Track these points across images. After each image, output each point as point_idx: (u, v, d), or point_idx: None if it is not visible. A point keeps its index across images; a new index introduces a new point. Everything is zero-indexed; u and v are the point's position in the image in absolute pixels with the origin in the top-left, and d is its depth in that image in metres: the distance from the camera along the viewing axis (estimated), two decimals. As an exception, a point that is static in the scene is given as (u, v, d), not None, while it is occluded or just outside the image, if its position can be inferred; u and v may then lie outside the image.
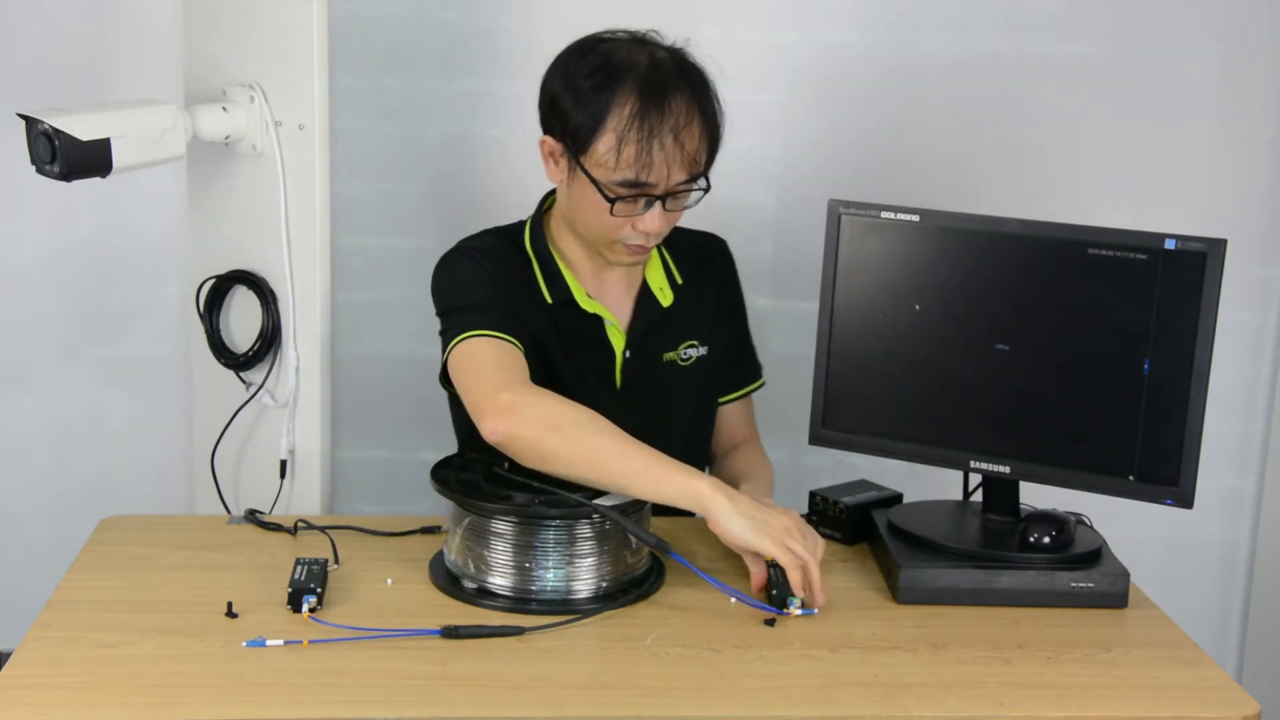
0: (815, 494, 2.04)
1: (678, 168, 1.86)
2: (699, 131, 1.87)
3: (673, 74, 1.88)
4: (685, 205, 1.93)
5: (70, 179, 1.98)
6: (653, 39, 1.94)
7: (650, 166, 1.84)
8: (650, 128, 1.83)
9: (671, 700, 1.53)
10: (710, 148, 1.91)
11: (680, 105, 1.85)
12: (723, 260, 2.16)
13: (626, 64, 1.86)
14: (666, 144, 1.84)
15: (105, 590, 1.76)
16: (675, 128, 1.84)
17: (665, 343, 2.06)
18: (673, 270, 2.07)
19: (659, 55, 1.90)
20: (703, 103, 1.88)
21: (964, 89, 2.69)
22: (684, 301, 2.07)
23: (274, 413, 2.30)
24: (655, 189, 1.87)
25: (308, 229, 2.20)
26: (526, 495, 1.76)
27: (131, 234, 2.65)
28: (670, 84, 1.86)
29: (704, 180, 1.92)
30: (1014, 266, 1.87)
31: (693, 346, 2.06)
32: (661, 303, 2.04)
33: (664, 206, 1.89)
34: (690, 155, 1.87)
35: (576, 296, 1.99)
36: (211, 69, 2.28)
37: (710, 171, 1.93)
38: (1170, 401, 1.79)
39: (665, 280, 2.05)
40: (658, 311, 2.04)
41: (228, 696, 1.50)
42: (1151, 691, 1.60)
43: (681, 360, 2.05)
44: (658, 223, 1.90)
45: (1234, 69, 2.73)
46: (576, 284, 2.00)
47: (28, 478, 2.73)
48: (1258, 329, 2.84)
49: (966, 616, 1.77)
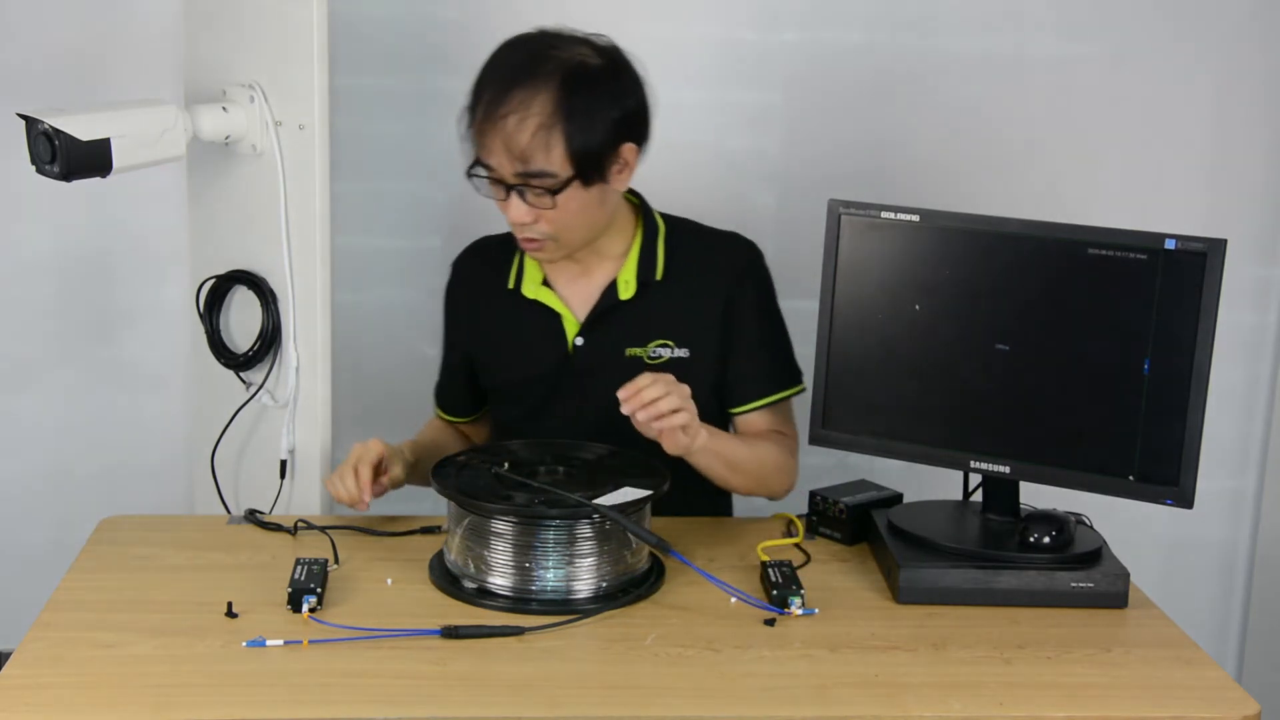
0: (815, 494, 2.04)
1: (506, 157, 1.88)
2: (532, 128, 1.86)
3: (542, 69, 1.88)
4: (545, 205, 1.90)
5: (70, 179, 1.98)
6: (591, 39, 1.95)
7: (486, 150, 1.90)
8: (488, 111, 1.88)
9: (671, 700, 1.53)
10: (550, 149, 1.86)
11: (522, 98, 1.86)
12: (738, 266, 2.10)
13: (511, 53, 1.92)
14: (498, 131, 1.87)
15: (105, 590, 1.76)
16: (504, 117, 1.86)
17: (627, 337, 2.04)
18: (657, 266, 2.05)
19: (561, 53, 1.90)
20: (557, 103, 1.86)
21: (964, 89, 2.69)
22: (655, 298, 2.05)
23: (274, 413, 2.30)
24: (496, 174, 1.91)
25: (308, 229, 2.20)
26: (526, 495, 1.76)
27: (131, 234, 2.65)
28: (525, 77, 1.87)
29: (558, 179, 1.88)
30: (1014, 266, 1.87)
31: (665, 346, 2.04)
32: (620, 295, 2.04)
33: (523, 198, 1.90)
34: (520, 148, 1.86)
35: (525, 284, 2.06)
36: (211, 69, 2.28)
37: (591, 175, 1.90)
38: (1170, 401, 1.79)
39: (634, 275, 2.04)
40: (615, 304, 2.04)
41: (228, 696, 1.50)
42: (1151, 691, 1.60)
43: (649, 358, 2.03)
44: (515, 211, 1.92)
45: (1233, 69, 2.73)
46: (535, 273, 2.07)
47: (28, 478, 2.73)
48: (1258, 329, 2.84)
49: (966, 616, 1.77)
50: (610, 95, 1.91)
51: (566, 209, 1.91)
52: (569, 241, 1.97)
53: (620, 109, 1.91)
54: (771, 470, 2.06)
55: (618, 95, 1.92)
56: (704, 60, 2.66)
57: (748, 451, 2.02)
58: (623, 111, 1.92)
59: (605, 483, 1.80)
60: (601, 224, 2.00)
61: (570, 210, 1.92)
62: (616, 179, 1.95)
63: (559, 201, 1.90)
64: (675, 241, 2.08)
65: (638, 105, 1.95)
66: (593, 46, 1.94)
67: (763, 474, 2.04)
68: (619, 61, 1.94)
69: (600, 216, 1.98)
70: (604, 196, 1.95)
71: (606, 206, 1.98)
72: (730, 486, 2.03)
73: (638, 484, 1.80)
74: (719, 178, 2.70)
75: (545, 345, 2.06)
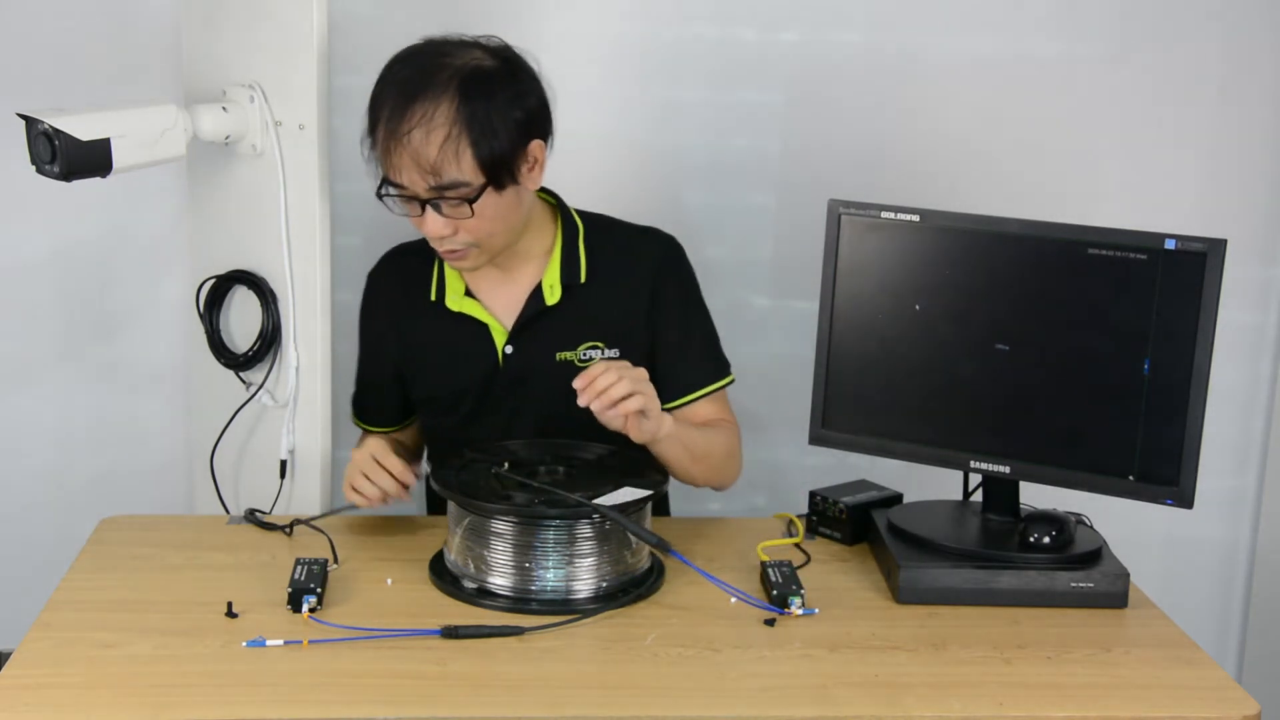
0: (815, 494, 2.04)
1: (416, 173, 1.86)
2: (439, 140, 1.84)
3: (438, 79, 1.86)
4: (463, 215, 1.89)
5: (70, 179, 1.98)
6: (481, 42, 1.93)
7: (395, 168, 1.88)
8: (390, 130, 1.87)
9: (671, 700, 1.53)
10: (460, 158, 1.85)
11: (424, 111, 1.84)
12: (658, 260, 2.09)
13: (403, 68, 1.90)
14: (404, 148, 1.85)
15: (105, 590, 1.76)
16: (409, 133, 1.84)
17: (556, 341, 2.04)
18: (580, 268, 2.04)
19: (454, 60, 1.88)
20: (459, 111, 1.85)
21: (964, 89, 2.69)
22: (581, 300, 2.04)
23: (274, 413, 2.30)
24: (409, 190, 1.88)
25: (308, 229, 2.20)
26: (526, 495, 1.76)
27: (131, 234, 2.65)
28: (423, 89, 1.86)
29: (472, 187, 1.87)
30: (1014, 266, 1.87)
31: (595, 348, 2.03)
32: (546, 301, 2.03)
33: (439, 212, 1.89)
34: (430, 162, 1.85)
35: (448, 296, 2.06)
36: (211, 69, 2.28)
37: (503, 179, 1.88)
38: (1170, 401, 1.79)
39: (559, 278, 2.03)
40: (541, 309, 2.03)
41: (228, 696, 1.50)
42: (1151, 691, 1.60)
43: (580, 361, 2.02)
44: (432, 226, 1.90)
45: (1233, 69, 2.72)
46: (457, 284, 2.06)
47: (28, 478, 2.72)
48: (1258, 329, 2.84)
49: (966, 616, 1.77)
50: (510, 95, 1.89)
51: (484, 216, 1.90)
52: (490, 247, 1.96)
53: (521, 108, 1.90)
54: (725, 457, 2.06)
55: (517, 94, 1.90)
56: (704, 60, 2.66)
57: (707, 440, 2.03)
58: (524, 110, 1.90)
59: (605, 483, 1.80)
60: (519, 225, 1.99)
61: (488, 216, 1.90)
62: (528, 178, 1.94)
63: (476, 209, 1.88)
64: (595, 241, 2.06)
65: (538, 102, 1.93)
66: (484, 49, 1.92)
67: (721, 462, 2.05)
68: (513, 60, 1.93)
69: (517, 218, 1.97)
70: (519, 198, 1.94)
71: (522, 207, 1.97)
72: (690, 477, 2.02)
73: (638, 484, 1.80)
74: (719, 178, 2.69)
75: (475, 356, 2.06)
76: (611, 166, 2.62)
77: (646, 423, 1.83)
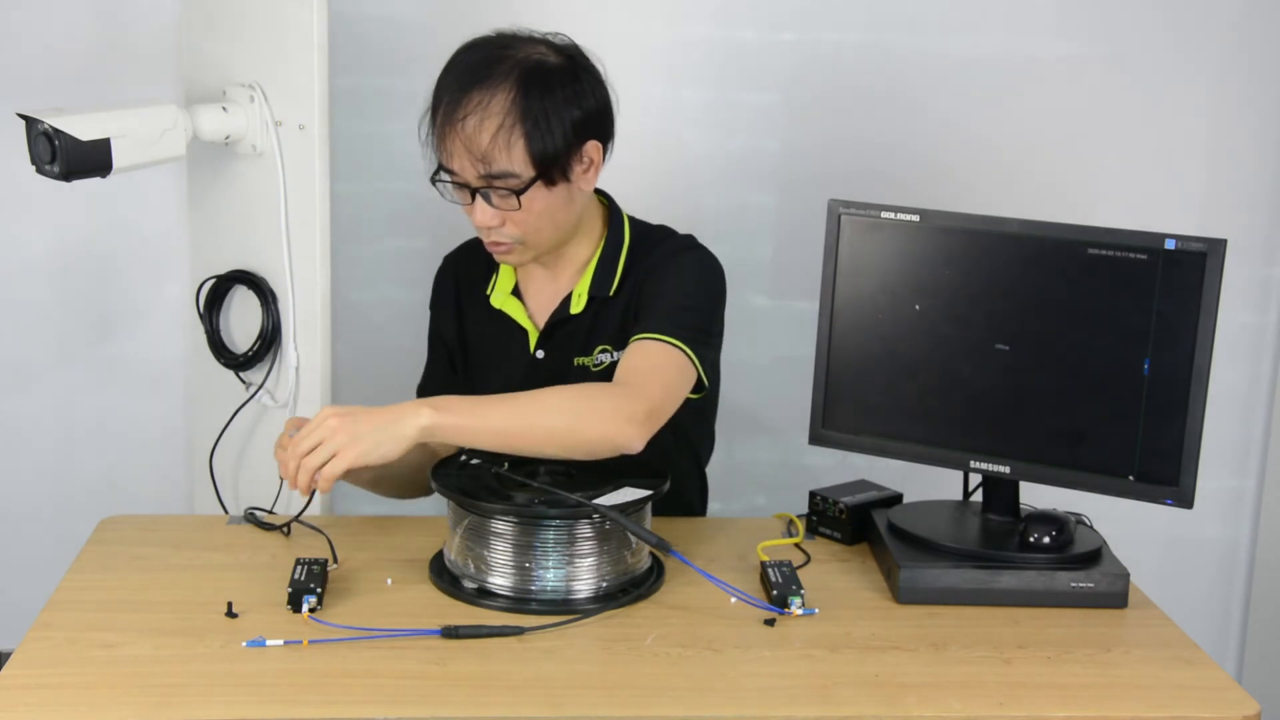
0: (815, 494, 2.04)
1: (467, 160, 1.86)
2: (492, 129, 1.84)
3: (499, 70, 1.86)
4: (511, 207, 1.88)
5: (70, 179, 1.98)
6: (549, 39, 1.92)
7: (448, 154, 1.88)
8: (447, 115, 1.87)
9: (671, 700, 1.53)
10: (511, 149, 1.85)
11: (480, 99, 1.85)
12: (654, 255, 2.03)
13: (467, 55, 1.90)
14: (458, 134, 1.85)
15: (105, 590, 1.76)
16: (464, 119, 1.85)
17: (576, 348, 2.03)
18: (613, 282, 2.01)
19: (518, 53, 1.88)
20: (515, 103, 1.84)
21: (964, 89, 2.70)
22: (603, 310, 2.02)
23: (274, 413, 2.30)
24: (460, 178, 1.89)
25: (308, 229, 2.20)
26: (526, 495, 1.76)
27: (131, 234, 2.65)
28: (482, 78, 1.86)
29: (521, 180, 1.86)
30: (1014, 266, 1.87)
31: (605, 352, 2.02)
32: (571, 310, 2.01)
33: (489, 202, 1.89)
34: (481, 150, 1.85)
35: (495, 293, 2.06)
36: (211, 69, 2.28)
37: (554, 175, 1.87)
38: (1170, 401, 1.79)
39: (588, 289, 2.01)
40: (566, 318, 2.02)
41: (228, 696, 1.50)
42: (1151, 691, 1.60)
43: (594, 366, 2.01)
44: (480, 215, 1.90)
45: (1233, 69, 2.73)
46: (508, 280, 2.06)
47: (28, 478, 2.73)
48: (1258, 329, 2.84)
49: (966, 616, 1.77)
50: (569, 93, 1.88)
51: (531, 210, 1.89)
52: (536, 244, 1.95)
53: (580, 107, 1.89)
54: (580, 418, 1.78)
55: (577, 93, 1.89)
56: (704, 60, 2.66)
57: (519, 405, 1.78)
58: (582, 109, 1.89)
59: (605, 483, 1.79)
60: (568, 225, 1.97)
61: (535, 211, 1.90)
62: (582, 178, 1.93)
63: (524, 202, 1.88)
64: (636, 254, 2.03)
65: (598, 103, 1.92)
66: (550, 45, 1.92)
67: (559, 424, 1.77)
68: (577, 59, 1.92)
69: (567, 218, 1.95)
70: (570, 196, 1.93)
71: (573, 207, 1.95)
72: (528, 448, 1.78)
73: (638, 484, 1.80)
74: (719, 178, 2.70)
75: (512, 355, 2.06)
76: (611, 166, 2.61)
77: (374, 452, 1.69)
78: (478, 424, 1.75)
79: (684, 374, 1.91)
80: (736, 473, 2.76)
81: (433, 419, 1.72)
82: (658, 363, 1.89)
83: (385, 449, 1.70)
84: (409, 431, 1.71)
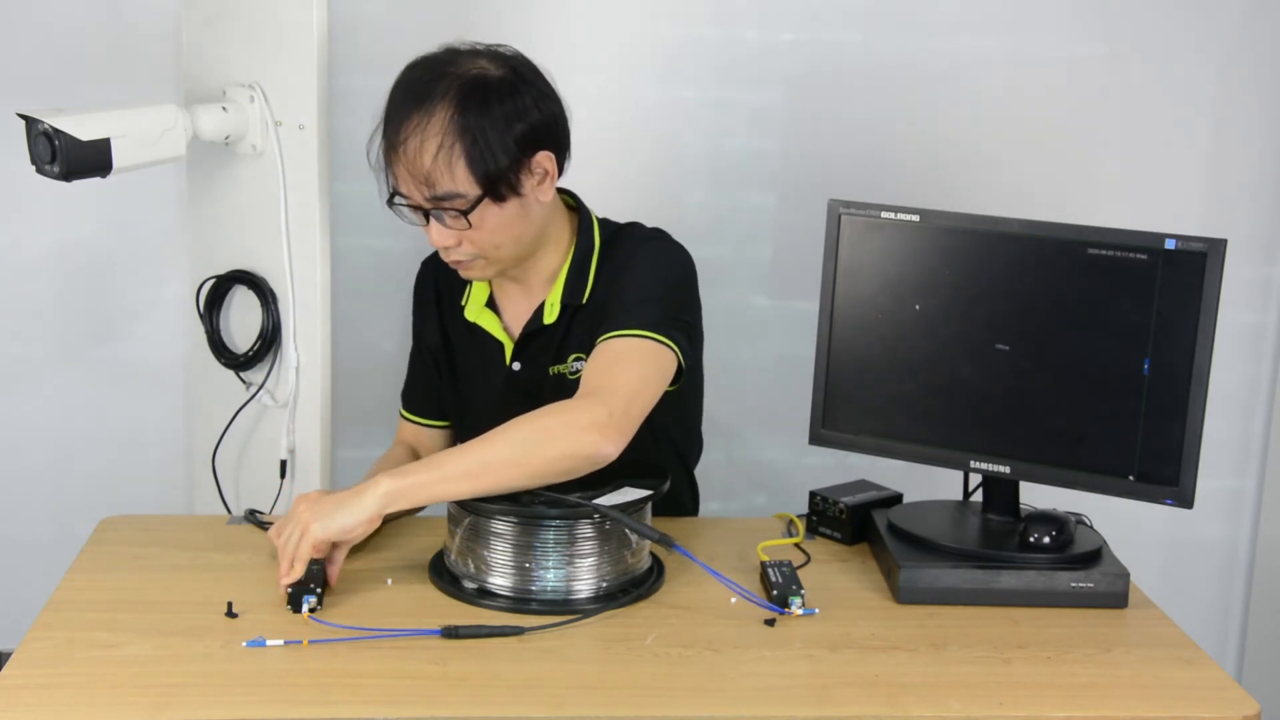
0: (815, 494, 2.04)
1: (413, 184, 1.84)
2: (432, 150, 1.81)
3: (438, 88, 1.83)
4: (461, 226, 1.86)
5: (70, 179, 1.98)
6: (496, 50, 1.90)
7: (396, 178, 1.87)
8: (390, 138, 1.86)
9: (671, 700, 1.53)
10: (453, 169, 1.82)
11: (419, 120, 1.82)
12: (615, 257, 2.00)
13: (410, 75, 1.88)
14: (401, 157, 1.84)
15: (105, 590, 1.76)
16: (405, 142, 1.83)
17: (550, 358, 2.01)
18: (585, 289, 1.98)
19: (458, 69, 1.85)
20: (452, 121, 1.81)
21: (964, 89, 2.69)
22: (575, 318, 2.00)
23: (274, 413, 2.30)
24: (411, 200, 1.87)
25: (308, 229, 2.20)
26: (527, 495, 1.76)
27: (131, 234, 2.65)
28: (422, 98, 1.83)
29: (467, 199, 1.84)
30: (1014, 266, 1.87)
31: (579, 360, 1.99)
32: (545, 320, 2.00)
33: (442, 222, 1.87)
34: (424, 172, 1.82)
35: (469, 305, 2.05)
36: (211, 69, 2.28)
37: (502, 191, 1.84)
38: (1170, 401, 1.79)
39: (560, 298, 1.99)
40: (540, 328, 2.01)
41: (228, 696, 1.50)
42: (1151, 691, 1.60)
43: (570, 374, 2.00)
44: (436, 236, 1.89)
45: (1233, 69, 2.73)
46: (482, 293, 2.05)
47: (28, 478, 2.73)
48: (1258, 329, 2.84)
49: (966, 616, 1.77)
50: (510, 107, 1.84)
51: (484, 228, 1.87)
52: (498, 259, 1.92)
53: (523, 119, 1.85)
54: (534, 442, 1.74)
55: (518, 106, 1.85)
56: (704, 60, 2.66)
57: (471, 448, 1.76)
58: (526, 122, 1.85)
59: (605, 483, 1.79)
60: (529, 238, 1.93)
61: (489, 229, 1.87)
62: (536, 190, 1.89)
63: (474, 221, 1.85)
64: (607, 257, 2.00)
65: (543, 114, 1.88)
66: (494, 58, 1.88)
67: (515, 453, 1.73)
68: (521, 70, 1.88)
69: (525, 230, 1.92)
70: (524, 210, 1.89)
71: (531, 220, 1.91)
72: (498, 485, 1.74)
73: (638, 484, 1.80)
74: (719, 178, 2.70)
75: (489, 367, 2.05)
76: (611, 166, 2.62)
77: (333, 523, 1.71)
78: (436, 475, 1.73)
79: (656, 360, 1.87)
80: (736, 473, 2.76)
81: (391, 484, 1.72)
82: (620, 356, 1.86)
83: (345, 521, 1.71)
84: (369, 502, 1.72)
